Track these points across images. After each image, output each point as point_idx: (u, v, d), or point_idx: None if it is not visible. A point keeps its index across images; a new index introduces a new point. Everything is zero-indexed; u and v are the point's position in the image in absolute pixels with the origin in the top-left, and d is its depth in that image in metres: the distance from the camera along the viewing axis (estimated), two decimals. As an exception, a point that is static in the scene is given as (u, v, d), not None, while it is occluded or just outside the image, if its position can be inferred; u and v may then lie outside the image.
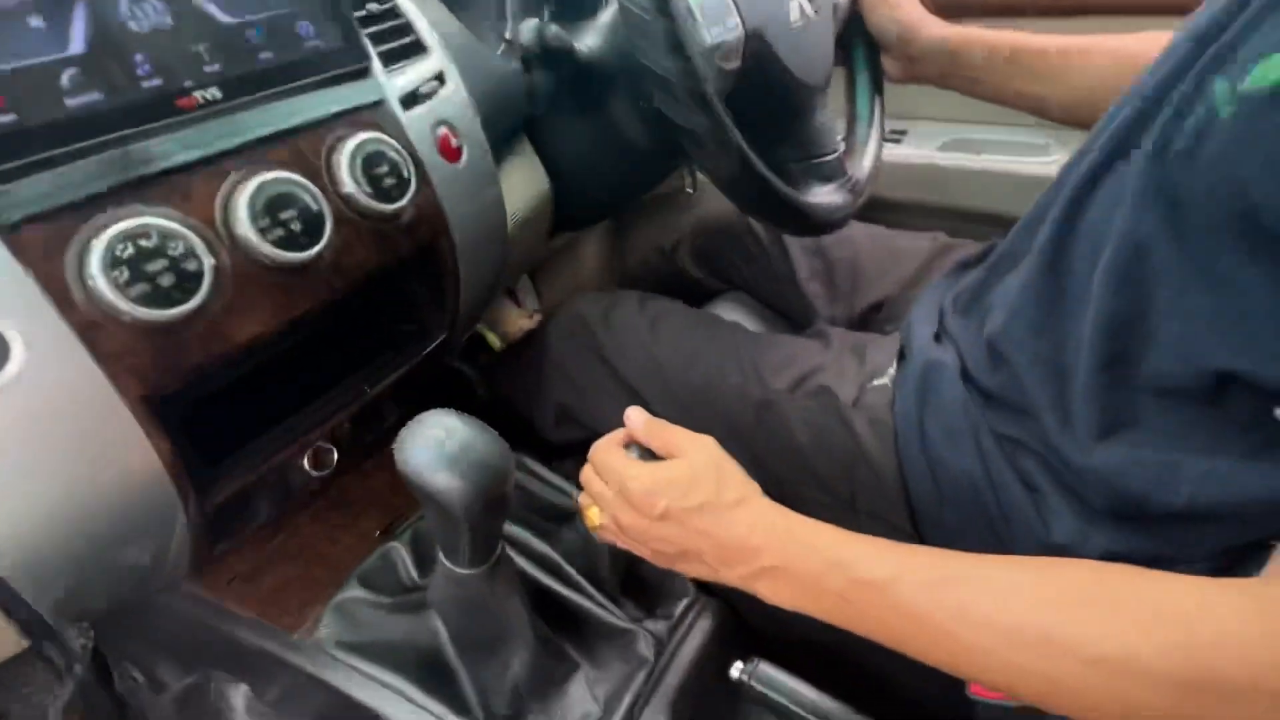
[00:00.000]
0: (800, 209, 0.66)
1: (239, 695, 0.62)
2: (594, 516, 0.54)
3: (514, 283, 1.19)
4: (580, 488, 0.56)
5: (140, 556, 0.52)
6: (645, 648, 0.58)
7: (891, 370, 0.67)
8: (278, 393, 0.57)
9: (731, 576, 0.48)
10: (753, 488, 0.52)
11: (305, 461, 0.65)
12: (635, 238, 1.35)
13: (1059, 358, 0.54)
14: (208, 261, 0.42)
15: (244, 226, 0.43)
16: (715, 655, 0.60)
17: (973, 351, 0.62)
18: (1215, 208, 0.40)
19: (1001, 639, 0.36)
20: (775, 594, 0.46)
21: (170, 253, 0.40)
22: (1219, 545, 0.49)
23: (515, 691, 0.56)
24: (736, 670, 0.55)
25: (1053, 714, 0.36)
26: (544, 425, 0.86)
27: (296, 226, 0.45)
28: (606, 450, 0.54)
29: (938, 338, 0.67)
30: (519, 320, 1.27)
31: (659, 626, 0.61)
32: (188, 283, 0.41)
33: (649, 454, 0.53)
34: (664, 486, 0.49)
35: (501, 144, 0.72)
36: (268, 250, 0.44)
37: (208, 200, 0.43)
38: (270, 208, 0.44)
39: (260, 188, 0.44)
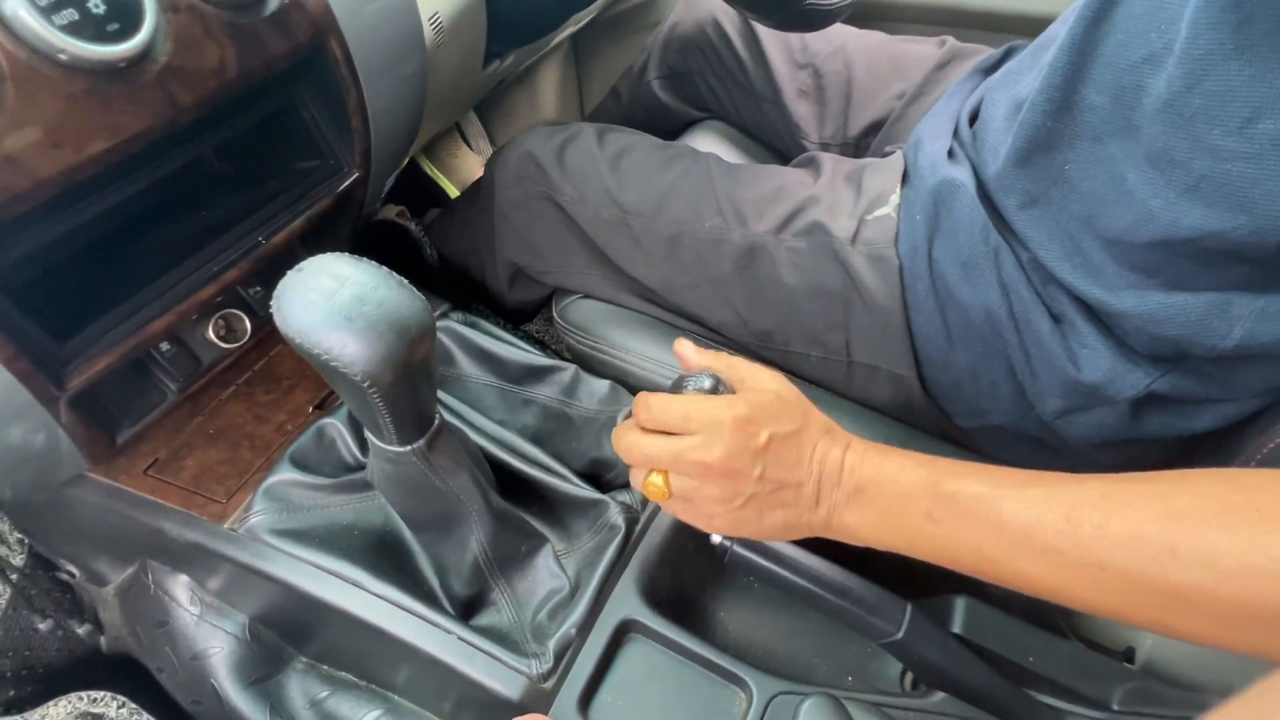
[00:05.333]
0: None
1: (180, 586, 0.56)
2: (658, 485, 0.41)
3: (457, 116, 1.04)
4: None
5: (27, 440, 0.44)
6: (617, 517, 0.53)
7: (894, 198, 0.57)
8: (152, 247, 0.47)
9: (820, 514, 0.40)
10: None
11: (212, 331, 0.56)
12: (598, 65, 1.17)
13: (1071, 205, 0.45)
14: (-35, 56, 0.30)
15: (13, 3, 0.31)
16: (694, 521, 0.55)
17: (991, 167, 0.52)
18: None
19: (1118, 551, 0.30)
20: (859, 521, 0.39)
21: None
22: (1273, 382, 0.42)
23: (477, 570, 0.51)
24: (718, 536, 0.50)
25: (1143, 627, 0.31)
26: (498, 287, 0.77)
27: (98, 7, 0.33)
28: (663, 398, 0.42)
29: (950, 154, 0.56)
30: (478, 166, 1.13)
31: (633, 495, 0.55)
32: (-61, 87, 0.29)
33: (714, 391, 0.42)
34: (762, 412, 0.40)
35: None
36: (58, 40, 0.32)
37: (-52, -36, 0.30)
38: (52, -23, 0.32)
39: (29, -55, 0.31)
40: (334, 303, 0.31)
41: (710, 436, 0.39)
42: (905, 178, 0.58)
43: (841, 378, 0.61)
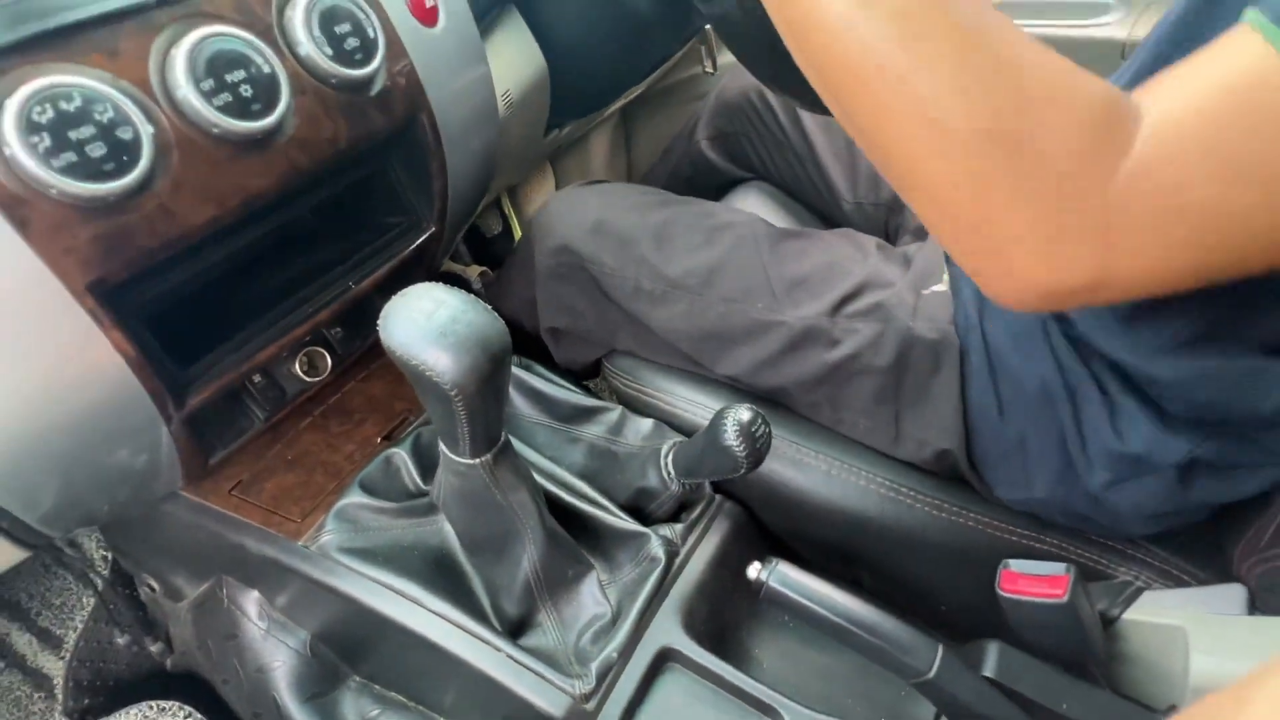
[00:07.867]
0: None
1: (250, 601, 0.61)
2: None
3: (518, 178, 1.12)
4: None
5: (130, 460, 0.50)
6: (658, 549, 0.56)
7: (945, 275, 0.59)
8: (257, 289, 0.53)
9: None
10: None
11: (298, 366, 0.62)
12: (644, 133, 1.26)
13: None
14: (145, 129, 0.36)
15: (184, 89, 0.38)
16: (731, 557, 0.58)
17: None
18: None
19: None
20: None
21: (98, 117, 0.35)
22: None
23: (527, 591, 0.54)
24: (754, 570, 0.53)
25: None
26: (550, 347, 0.81)
27: (247, 91, 0.40)
28: None
29: None
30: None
31: (674, 530, 0.58)
32: (124, 154, 0.36)
33: None
34: None
35: (484, 10, 0.64)
36: (214, 117, 0.39)
37: (139, 58, 0.38)
38: (214, 67, 0.39)
39: (200, 43, 0.38)
40: (433, 321, 0.37)
41: None
42: (946, 255, 0.60)
43: (888, 443, 0.61)
